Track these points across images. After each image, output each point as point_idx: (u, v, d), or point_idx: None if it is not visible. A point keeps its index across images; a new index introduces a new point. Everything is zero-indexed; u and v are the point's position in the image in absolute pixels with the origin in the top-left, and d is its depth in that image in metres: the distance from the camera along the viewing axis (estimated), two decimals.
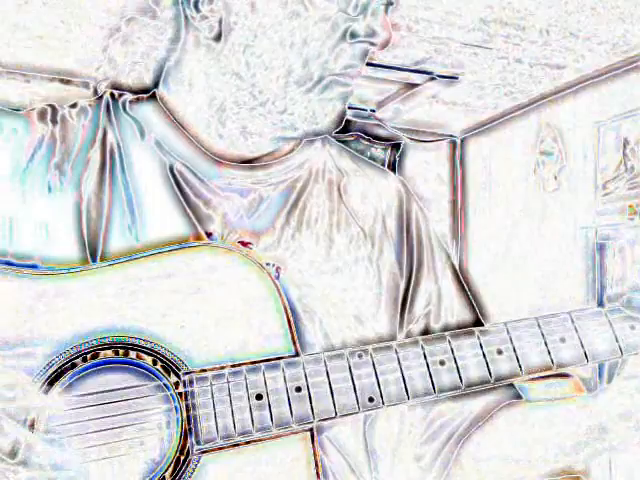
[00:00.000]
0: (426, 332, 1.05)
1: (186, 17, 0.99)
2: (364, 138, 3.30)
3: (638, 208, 2.42)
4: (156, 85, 1.05)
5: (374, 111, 3.20)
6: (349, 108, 1.00)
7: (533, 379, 0.98)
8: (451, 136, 3.48)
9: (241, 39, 0.94)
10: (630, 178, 2.47)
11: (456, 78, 2.69)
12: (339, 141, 1.14)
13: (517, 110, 3.03)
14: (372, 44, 0.95)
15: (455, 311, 1.08)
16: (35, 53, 2.43)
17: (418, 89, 2.86)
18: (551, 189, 2.85)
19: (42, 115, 1.00)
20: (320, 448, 0.91)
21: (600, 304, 2.59)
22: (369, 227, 1.06)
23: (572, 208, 2.73)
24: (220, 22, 0.95)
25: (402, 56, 2.52)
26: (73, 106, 1.03)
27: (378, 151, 3.36)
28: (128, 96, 1.05)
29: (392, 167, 3.38)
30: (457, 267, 1.13)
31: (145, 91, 1.06)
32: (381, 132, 3.33)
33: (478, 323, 1.08)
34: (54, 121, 1.00)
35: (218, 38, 0.96)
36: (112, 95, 1.04)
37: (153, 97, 1.05)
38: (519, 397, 1.03)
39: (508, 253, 3.01)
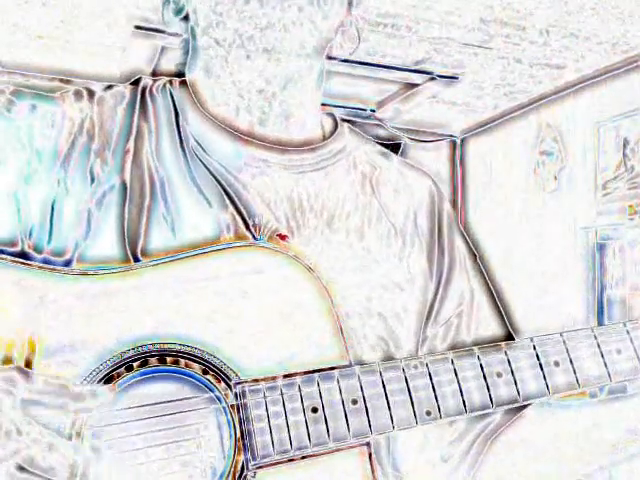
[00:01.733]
0: (457, 333, 1.02)
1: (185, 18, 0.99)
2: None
3: (638, 208, 2.42)
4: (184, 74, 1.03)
5: (374, 111, 3.20)
6: (345, 108, 0.97)
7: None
8: (451, 136, 3.48)
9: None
10: (630, 178, 2.46)
11: (456, 78, 2.69)
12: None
13: (517, 110, 3.03)
14: None
15: (485, 312, 1.05)
16: (35, 53, 2.43)
17: (418, 89, 2.86)
18: (551, 189, 2.85)
19: (79, 97, 0.96)
20: None
21: (600, 304, 2.58)
22: (400, 224, 1.03)
23: (572, 208, 2.73)
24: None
25: (402, 56, 2.52)
26: (108, 87, 1.00)
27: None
28: (163, 80, 1.02)
29: None
30: (484, 271, 1.11)
31: (179, 75, 1.04)
32: (381, 132, 3.32)
33: (505, 325, 1.05)
34: (92, 103, 0.96)
35: (180, 12, 0.99)
36: (148, 80, 1.02)
37: (185, 82, 1.02)
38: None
39: (508, 253, 3.01)
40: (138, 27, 2.29)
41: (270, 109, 0.96)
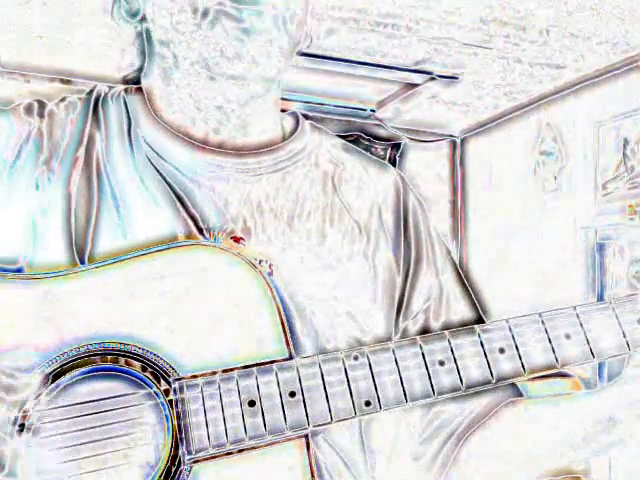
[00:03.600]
0: (426, 329, 1.02)
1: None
2: (364, 138, 3.30)
3: (638, 208, 2.42)
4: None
5: (374, 111, 3.20)
6: (345, 108, 0.97)
7: (533, 379, 0.95)
8: (451, 136, 3.48)
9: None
10: (630, 178, 2.46)
11: (456, 78, 2.69)
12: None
13: (517, 110, 3.03)
14: None
15: (456, 307, 1.05)
16: (35, 53, 2.43)
17: (418, 89, 2.86)
18: (551, 189, 2.85)
19: (29, 110, 0.97)
20: (316, 447, 0.88)
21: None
22: (364, 221, 1.02)
23: (572, 208, 2.73)
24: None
25: (402, 56, 2.52)
26: (62, 100, 1.00)
27: (378, 151, 3.36)
28: (118, 88, 1.03)
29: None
30: (457, 263, 1.09)
31: (135, 83, 1.04)
32: (381, 132, 3.32)
33: (480, 319, 1.04)
34: (41, 116, 0.97)
35: (136, 15, 0.99)
36: (103, 88, 1.02)
37: (141, 89, 1.02)
38: (521, 394, 1.01)
39: (508, 253, 3.01)
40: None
41: (228, 121, 0.97)
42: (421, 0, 2.09)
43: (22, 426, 0.79)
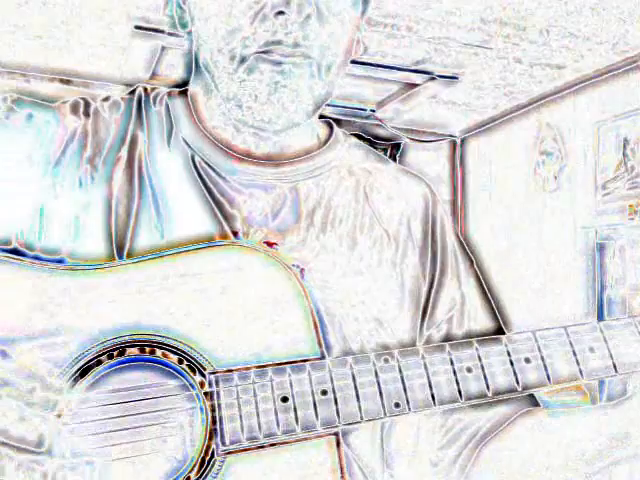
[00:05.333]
0: (448, 338, 1.04)
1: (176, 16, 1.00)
2: (364, 138, 3.30)
3: (638, 208, 2.42)
4: (187, 82, 1.05)
5: (374, 111, 3.20)
6: (345, 108, 0.98)
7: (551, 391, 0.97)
8: (451, 136, 3.48)
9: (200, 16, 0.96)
10: (630, 178, 2.47)
11: (456, 78, 2.69)
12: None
13: (517, 110, 3.03)
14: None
15: (478, 318, 1.07)
16: (35, 53, 2.43)
17: (418, 89, 2.86)
18: (551, 189, 2.85)
19: (75, 108, 1.00)
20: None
21: (600, 304, 2.59)
22: (393, 230, 1.04)
23: (572, 208, 2.74)
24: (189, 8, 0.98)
25: (402, 56, 2.52)
26: (105, 99, 1.03)
27: (378, 151, 3.36)
28: (160, 90, 1.05)
29: None
30: (480, 274, 1.11)
31: (178, 86, 1.06)
32: (381, 132, 3.33)
33: (500, 331, 1.06)
34: (87, 114, 1.00)
35: (185, 25, 0.99)
36: (145, 89, 1.04)
37: (185, 93, 1.04)
38: (537, 404, 1.02)
39: (508, 253, 3.01)
40: (138, 27, 2.29)
41: (265, 144, 0.99)
42: (421, 0, 2.10)
43: (61, 411, 0.81)
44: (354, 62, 2.67)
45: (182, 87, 1.05)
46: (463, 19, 2.19)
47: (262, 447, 0.84)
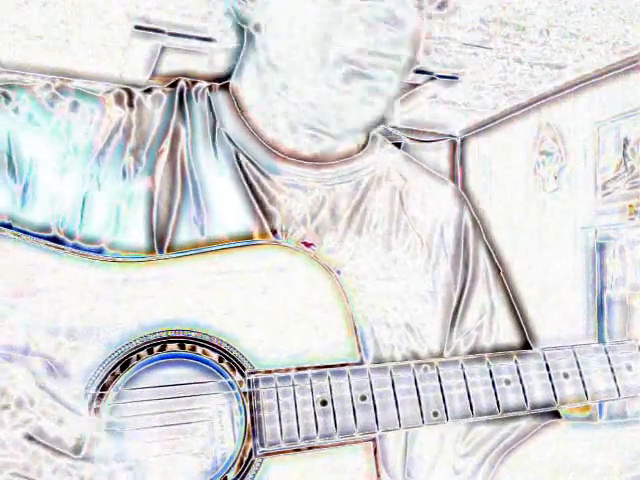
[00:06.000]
0: (476, 348, 1.04)
1: (241, 27, 0.98)
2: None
3: (638, 208, 2.42)
4: (229, 76, 1.04)
5: None
6: None
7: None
8: (451, 136, 3.48)
9: (273, 28, 0.94)
10: (630, 178, 2.46)
11: (456, 78, 2.69)
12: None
13: (517, 110, 3.03)
14: (393, 32, 0.92)
15: (505, 326, 1.07)
16: (35, 53, 2.43)
17: (418, 89, 2.86)
18: (551, 189, 2.85)
19: (119, 98, 1.00)
20: None
21: (600, 304, 2.58)
22: (427, 236, 1.05)
23: (572, 208, 2.73)
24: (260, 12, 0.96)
25: None
26: (148, 91, 1.02)
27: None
28: (202, 84, 1.04)
29: None
30: (507, 285, 1.12)
31: (218, 80, 1.05)
32: (381, 132, 3.32)
33: (526, 342, 1.06)
34: (131, 105, 0.99)
35: (258, 28, 0.96)
36: (186, 83, 1.03)
37: (226, 87, 1.04)
38: (559, 416, 1.02)
39: (507, 253, 3.00)
40: (138, 27, 2.29)
41: (318, 146, 0.99)
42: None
43: (98, 406, 0.81)
44: None
45: (220, 82, 1.04)
46: (463, 19, 2.19)
47: (299, 450, 0.83)
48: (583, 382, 0.92)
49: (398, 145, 3.53)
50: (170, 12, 1.73)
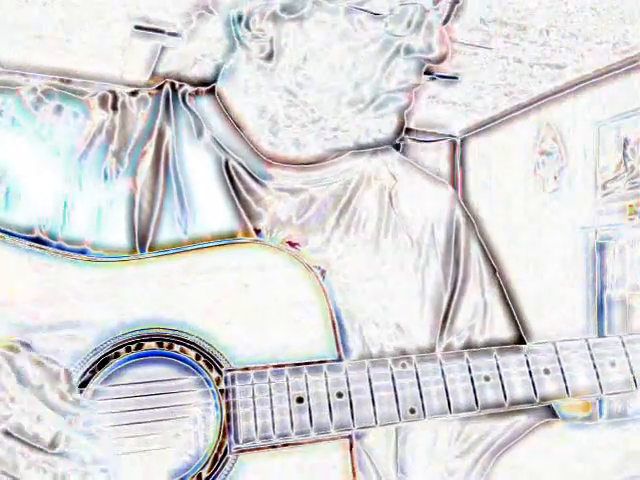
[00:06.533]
0: (469, 346, 1.03)
1: (238, 36, 0.97)
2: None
3: (638, 208, 2.42)
4: (216, 79, 1.04)
5: None
6: None
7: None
8: (451, 136, 3.48)
9: (291, 61, 0.94)
10: (630, 178, 2.46)
11: (456, 78, 2.69)
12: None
13: (517, 110, 3.03)
14: (428, 60, 0.93)
15: (499, 327, 1.06)
16: (35, 53, 2.43)
17: (418, 89, 2.85)
18: (551, 189, 2.85)
19: (103, 101, 1.00)
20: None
21: (600, 304, 2.59)
22: (417, 235, 1.05)
23: (572, 208, 2.73)
24: (271, 42, 0.94)
25: None
26: (133, 94, 1.02)
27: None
28: (187, 88, 1.05)
29: None
30: (502, 283, 1.11)
31: (205, 84, 1.05)
32: None
33: (521, 339, 1.06)
34: (115, 108, 1.00)
35: (269, 57, 0.95)
36: (172, 85, 1.04)
37: (212, 91, 1.04)
38: (555, 415, 1.02)
39: (508, 253, 3.00)
40: (138, 27, 2.29)
41: (300, 153, 0.99)
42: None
43: (76, 403, 0.81)
44: None
45: (208, 85, 1.04)
46: (463, 19, 2.19)
47: (275, 447, 0.84)
48: (564, 378, 0.91)
49: (398, 146, 3.53)
50: (170, 14, 1.73)
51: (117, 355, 0.85)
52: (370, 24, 0.90)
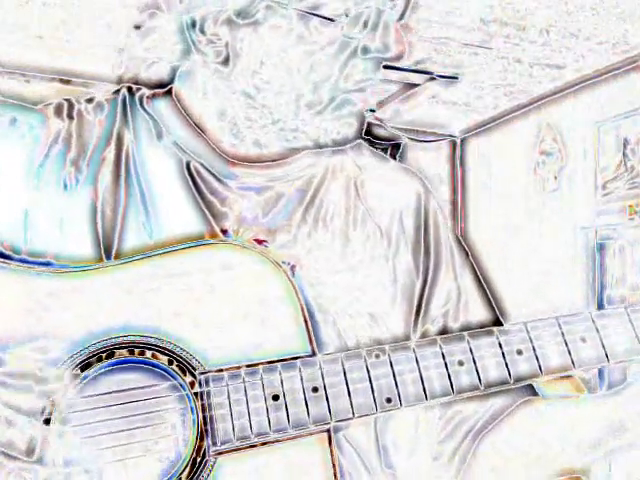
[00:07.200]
0: (444, 332, 1.03)
1: (192, 41, 0.97)
2: (364, 138, 3.30)
3: (638, 208, 2.42)
4: (172, 81, 1.04)
5: (374, 111, 3.20)
6: None
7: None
8: (451, 136, 3.48)
9: (249, 65, 0.93)
10: (630, 178, 2.47)
11: (456, 78, 2.69)
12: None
13: (517, 110, 3.03)
14: (385, 59, 0.94)
15: (474, 310, 1.06)
16: (35, 53, 2.43)
17: (418, 89, 2.86)
18: (551, 189, 2.85)
19: (59, 110, 0.99)
20: (337, 447, 0.90)
21: (600, 304, 2.59)
22: (386, 225, 1.05)
23: (572, 208, 2.73)
24: (227, 46, 0.94)
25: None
26: (89, 101, 1.02)
27: (378, 151, 3.35)
28: (145, 91, 1.04)
29: None
30: (475, 266, 1.11)
31: (162, 86, 1.05)
32: (381, 132, 3.32)
33: (497, 322, 1.06)
34: (70, 116, 0.99)
35: (226, 62, 0.95)
36: (129, 89, 1.03)
37: (169, 93, 1.03)
38: (536, 394, 1.02)
39: (508, 253, 3.01)
40: (138, 27, 2.29)
41: (262, 152, 0.99)
42: (421, 0, 2.09)
43: (50, 415, 0.80)
44: None
45: (165, 87, 1.04)
46: (463, 19, 2.19)
47: (254, 446, 0.83)
48: (537, 357, 0.92)
49: (398, 145, 3.53)
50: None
51: (89, 365, 0.83)
52: (326, 28, 0.90)
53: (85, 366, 0.83)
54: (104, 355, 0.84)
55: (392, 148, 3.38)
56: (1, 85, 2.54)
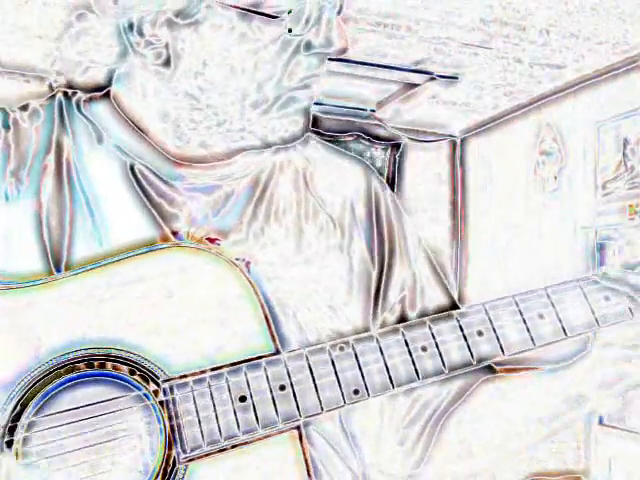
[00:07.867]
0: (403, 318, 1.03)
1: (130, 44, 0.95)
2: (364, 138, 3.30)
3: (638, 208, 2.42)
4: (109, 84, 1.02)
5: (374, 111, 3.20)
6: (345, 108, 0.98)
7: (509, 370, 0.98)
8: (451, 136, 3.48)
9: (191, 66, 0.92)
10: (630, 178, 2.47)
11: (456, 78, 2.69)
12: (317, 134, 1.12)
13: (517, 110, 3.03)
14: (328, 54, 0.93)
15: (430, 294, 1.07)
16: (35, 53, 2.43)
17: (418, 89, 2.86)
18: (551, 189, 2.85)
19: None
20: (308, 440, 0.90)
21: None
22: (338, 215, 1.04)
23: (572, 208, 2.73)
24: (167, 48, 0.92)
25: (402, 56, 2.52)
26: (24, 108, 0.99)
27: (378, 151, 3.36)
28: (81, 95, 1.01)
29: (392, 167, 3.38)
30: (429, 251, 1.11)
31: (99, 89, 1.02)
32: (381, 132, 3.33)
33: (454, 304, 1.07)
34: (6, 126, 0.96)
35: (167, 63, 0.92)
36: (65, 94, 1.01)
37: (107, 95, 1.01)
38: (494, 372, 1.03)
39: (508, 253, 3.01)
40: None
41: (209, 153, 0.98)
42: (421, 0, 2.10)
43: (10, 439, 0.78)
44: (354, 62, 2.67)
45: (102, 90, 1.01)
46: (463, 19, 2.19)
47: (224, 450, 0.82)
48: (497, 337, 0.92)
49: (398, 145, 3.53)
50: None
51: (47, 383, 0.81)
52: (268, 26, 0.90)
53: (43, 384, 0.80)
54: (62, 371, 0.82)
55: (392, 148, 3.38)
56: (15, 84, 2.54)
